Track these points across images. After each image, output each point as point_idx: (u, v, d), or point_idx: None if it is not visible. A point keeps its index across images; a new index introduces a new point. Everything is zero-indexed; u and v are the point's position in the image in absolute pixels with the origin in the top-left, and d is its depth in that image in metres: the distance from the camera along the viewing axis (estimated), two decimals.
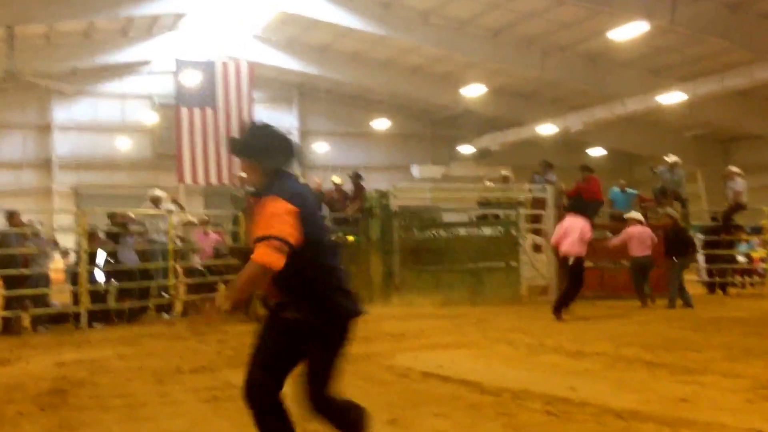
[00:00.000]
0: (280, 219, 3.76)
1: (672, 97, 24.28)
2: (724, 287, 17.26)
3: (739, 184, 17.05)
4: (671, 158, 17.58)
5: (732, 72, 22.76)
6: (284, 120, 33.01)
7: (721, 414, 5.47)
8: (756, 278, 18.55)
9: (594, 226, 17.29)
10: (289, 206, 3.79)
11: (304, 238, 3.79)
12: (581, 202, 14.54)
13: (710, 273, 17.52)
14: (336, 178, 18.51)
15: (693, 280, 16.11)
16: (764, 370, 7.13)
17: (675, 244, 14.22)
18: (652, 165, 18.49)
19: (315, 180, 19.05)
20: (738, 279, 18.16)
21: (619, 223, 18.13)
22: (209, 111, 26.21)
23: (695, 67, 24.34)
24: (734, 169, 17.41)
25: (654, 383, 6.75)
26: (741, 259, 18.30)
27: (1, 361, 9.21)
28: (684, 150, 27.86)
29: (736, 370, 7.20)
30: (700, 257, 17.21)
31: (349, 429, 4.03)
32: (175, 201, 17.21)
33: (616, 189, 18.20)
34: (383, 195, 16.36)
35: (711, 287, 17.38)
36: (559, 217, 16.38)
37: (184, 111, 26.10)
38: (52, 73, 28.17)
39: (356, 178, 17.93)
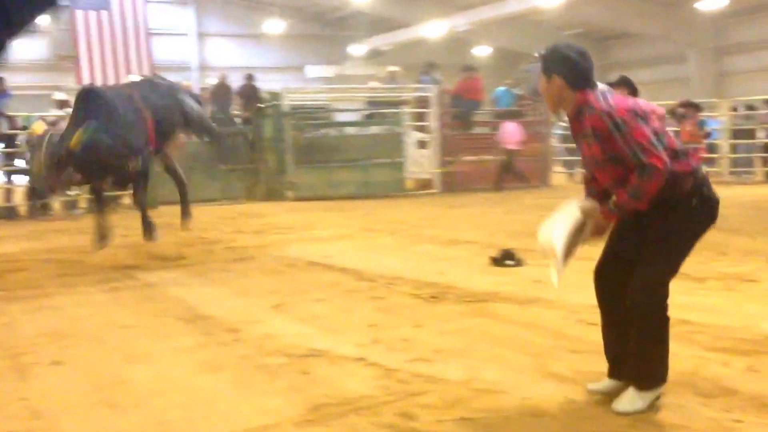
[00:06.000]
0: None
1: None
2: None
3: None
4: (537, 53, 17.93)
5: None
6: (180, 21, 31.88)
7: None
8: None
9: (473, 124, 17.86)
10: None
11: None
12: None
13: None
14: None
15: None
16: None
17: None
18: (525, 63, 18.82)
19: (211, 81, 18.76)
20: None
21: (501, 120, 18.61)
22: (104, 13, 25.04)
23: None
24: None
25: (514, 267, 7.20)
26: None
27: None
28: None
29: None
30: None
31: None
32: None
33: (502, 88, 18.53)
34: (275, 95, 16.32)
35: None
36: (442, 116, 16.80)
37: (80, 13, 24.88)
38: None
39: (249, 79, 17.89)
